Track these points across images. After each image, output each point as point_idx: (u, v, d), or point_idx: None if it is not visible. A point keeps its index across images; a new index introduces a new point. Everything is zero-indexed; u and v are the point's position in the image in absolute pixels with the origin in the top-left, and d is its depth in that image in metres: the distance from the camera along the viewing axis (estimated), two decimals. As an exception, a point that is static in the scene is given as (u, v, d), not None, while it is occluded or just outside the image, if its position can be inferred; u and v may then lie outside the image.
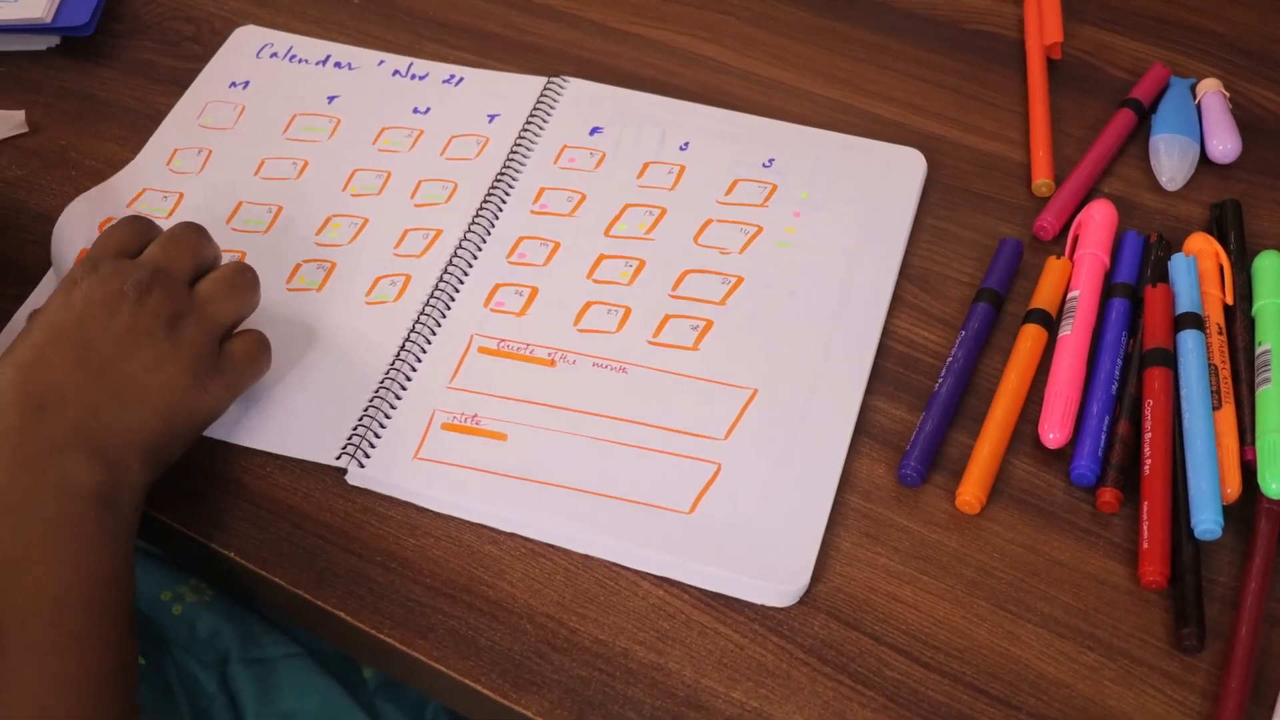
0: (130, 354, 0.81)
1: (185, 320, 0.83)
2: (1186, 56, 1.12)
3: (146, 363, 0.81)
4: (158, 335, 0.81)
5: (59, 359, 0.79)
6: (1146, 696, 0.77)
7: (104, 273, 0.83)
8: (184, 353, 0.82)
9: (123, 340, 0.81)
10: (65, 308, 0.81)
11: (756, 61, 1.12)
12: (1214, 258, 0.94)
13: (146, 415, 0.81)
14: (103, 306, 0.81)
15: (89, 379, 0.79)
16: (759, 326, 0.92)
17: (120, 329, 0.81)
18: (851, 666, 0.78)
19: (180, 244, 0.87)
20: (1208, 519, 0.80)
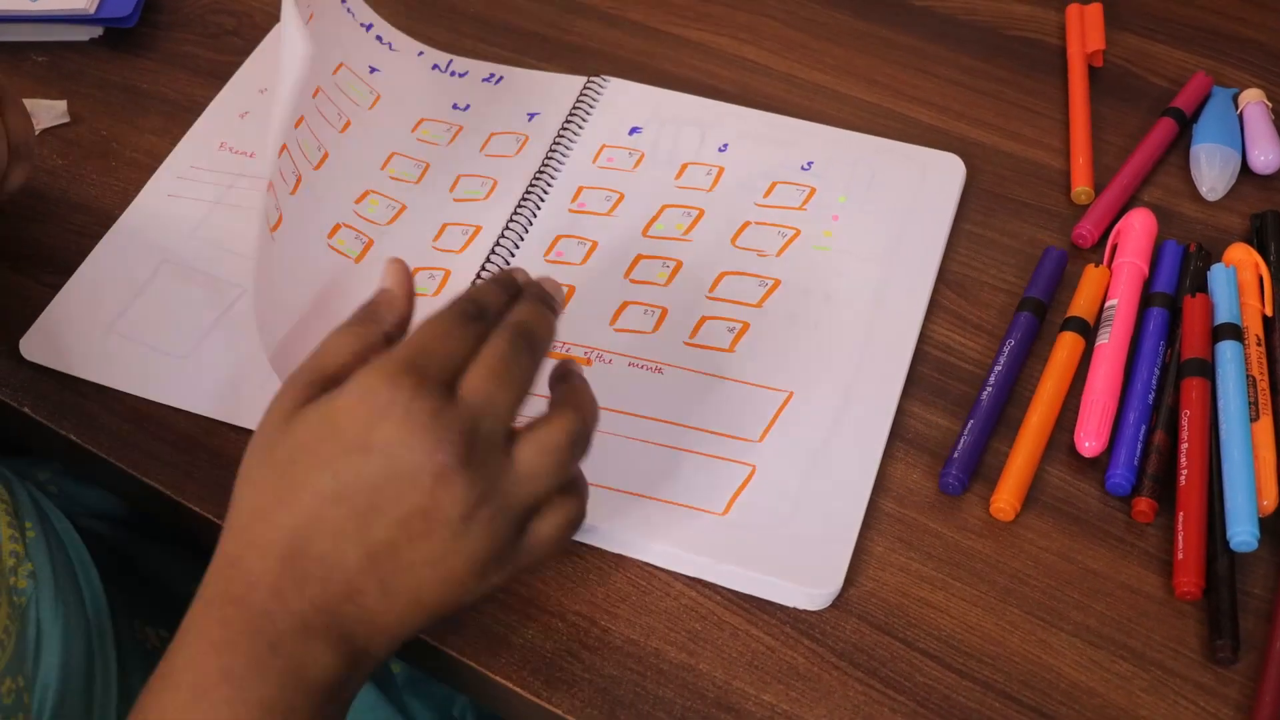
0: (416, 543, 0.67)
1: (488, 507, 0.67)
2: (1229, 66, 1.11)
3: (431, 556, 0.67)
4: (453, 524, 0.67)
5: (338, 526, 0.66)
6: (1179, 708, 0.76)
7: (420, 428, 0.66)
8: (477, 547, 0.68)
9: (413, 526, 0.66)
10: (365, 451, 0.66)
11: (796, 64, 1.12)
12: (1254, 269, 0.94)
13: (411, 614, 0.69)
14: (406, 477, 0.66)
15: (362, 561, 0.67)
16: (796, 330, 0.92)
17: (414, 510, 0.66)
18: (883, 671, 0.78)
19: (511, 380, 0.70)
20: (1243, 531, 0.80)
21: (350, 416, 0.67)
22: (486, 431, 0.67)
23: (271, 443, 0.69)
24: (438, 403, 0.66)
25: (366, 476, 0.66)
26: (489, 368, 0.69)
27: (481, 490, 0.67)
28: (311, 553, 0.66)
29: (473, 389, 0.68)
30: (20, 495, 0.88)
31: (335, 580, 0.66)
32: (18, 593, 0.82)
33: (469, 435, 0.66)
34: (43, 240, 0.98)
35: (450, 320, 0.70)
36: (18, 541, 0.84)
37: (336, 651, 0.67)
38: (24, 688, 0.80)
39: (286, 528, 0.67)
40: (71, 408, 0.90)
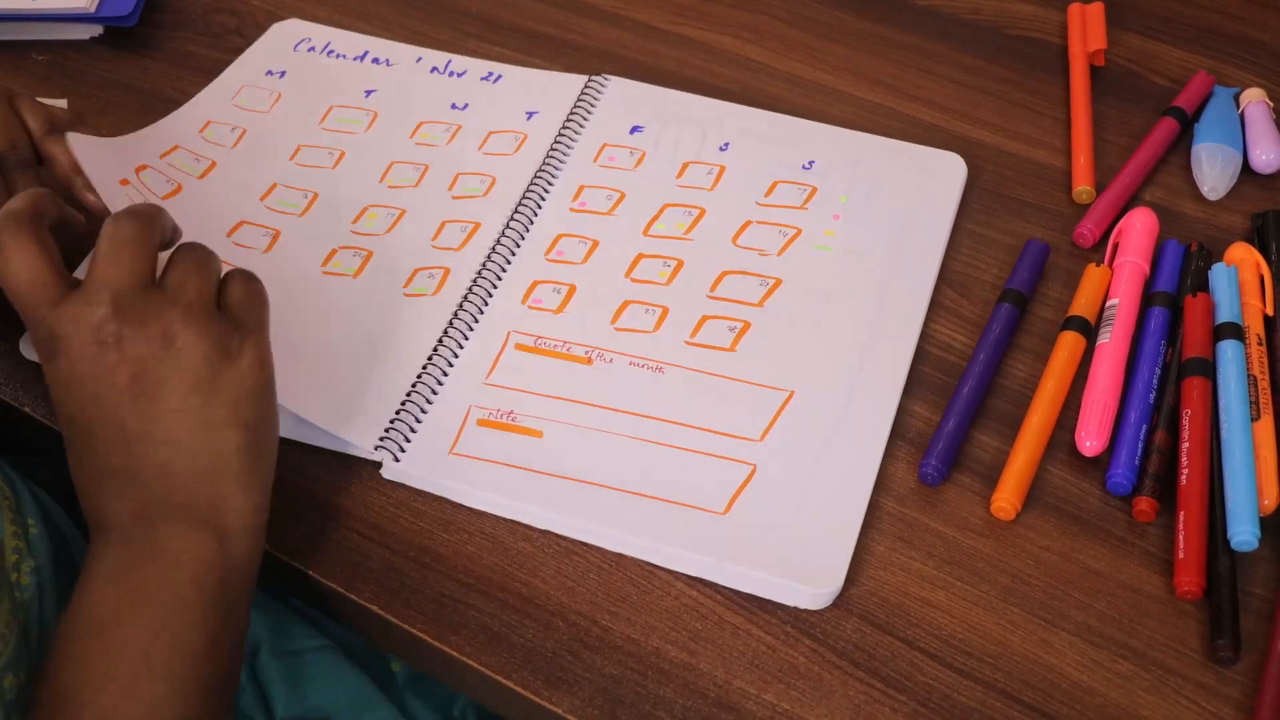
0: (157, 396, 0.74)
1: (174, 325, 0.75)
2: (1231, 66, 1.12)
3: (178, 391, 0.75)
4: (163, 360, 0.74)
5: (105, 445, 0.74)
6: (1180, 707, 0.76)
7: (65, 332, 0.74)
8: (196, 354, 0.75)
9: (141, 389, 0.74)
10: (67, 388, 0.74)
11: (798, 63, 1.12)
12: (1255, 268, 0.94)
13: (215, 442, 0.75)
14: (97, 373, 0.73)
15: (143, 448, 0.74)
16: (797, 329, 0.92)
17: (126, 382, 0.74)
18: (883, 670, 0.78)
19: (124, 247, 0.76)
20: (1244, 530, 0.80)
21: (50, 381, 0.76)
22: (122, 290, 0.74)
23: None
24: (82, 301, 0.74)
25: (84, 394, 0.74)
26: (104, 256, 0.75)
27: (155, 322, 0.74)
28: (105, 466, 0.74)
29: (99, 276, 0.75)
30: (22, 493, 0.88)
31: (139, 472, 0.74)
32: (20, 589, 0.82)
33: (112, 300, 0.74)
34: (44, 239, 0.98)
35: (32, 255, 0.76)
36: (20, 538, 0.84)
37: (188, 523, 0.74)
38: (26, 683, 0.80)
39: (82, 466, 0.75)
40: (72, 407, 0.90)
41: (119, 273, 0.75)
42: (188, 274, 0.77)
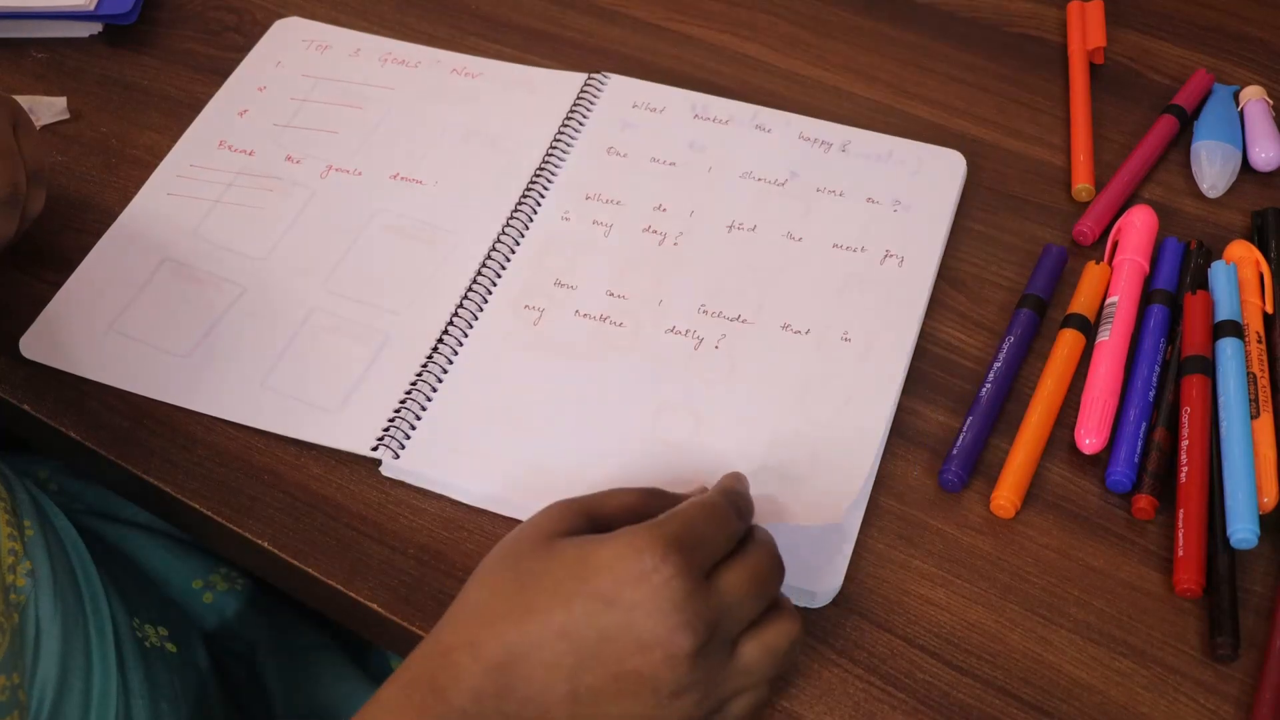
0: (622, 700, 0.68)
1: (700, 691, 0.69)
2: (1230, 63, 1.11)
3: (629, 715, 0.69)
4: (664, 698, 0.68)
5: (555, 658, 0.68)
6: (1179, 705, 0.76)
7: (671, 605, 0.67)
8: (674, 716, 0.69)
9: (625, 685, 0.68)
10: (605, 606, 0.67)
11: (798, 61, 1.12)
12: (1254, 266, 0.94)
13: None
14: (638, 642, 0.67)
15: (566, 698, 0.68)
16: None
17: (632, 672, 0.67)
18: (882, 668, 0.78)
19: (762, 594, 0.72)
20: (1244, 528, 0.80)
21: (607, 567, 0.68)
22: (727, 628, 0.70)
23: (521, 554, 0.71)
24: (694, 586, 0.68)
25: (600, 626, 0.67)
26: (752, 571, 0.71)
27: (700, 679, 0.68)
28: (521, 672, 0.68)
29: (731, 586, 0.70)
30: (19, 494, 0.88)
31: (534, 705, 0.68)
32: (16, 590, 0.82)
33: (712, 628, 0.68)
34: (42, 238, 0.98)
35: (724, 511, 0.72)
36: (16, 540, 0.84)
37: None
38: (20, 685, 0.80)
39: (507, 643, 0.68)
40: (71, 406, 0.90)
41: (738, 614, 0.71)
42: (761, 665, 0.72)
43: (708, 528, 0.71)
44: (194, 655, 0.96)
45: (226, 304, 0.94)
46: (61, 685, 0.83)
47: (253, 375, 0.90)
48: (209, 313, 0.93)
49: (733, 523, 0.72)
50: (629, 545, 0.68)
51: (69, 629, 0.85)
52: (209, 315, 0.93)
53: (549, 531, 0.71)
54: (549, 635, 0.68)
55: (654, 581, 0.67)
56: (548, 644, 0.68)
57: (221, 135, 1.05)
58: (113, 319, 0.93)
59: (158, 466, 0.87)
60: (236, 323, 0.93)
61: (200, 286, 0.95)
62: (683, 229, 0.98)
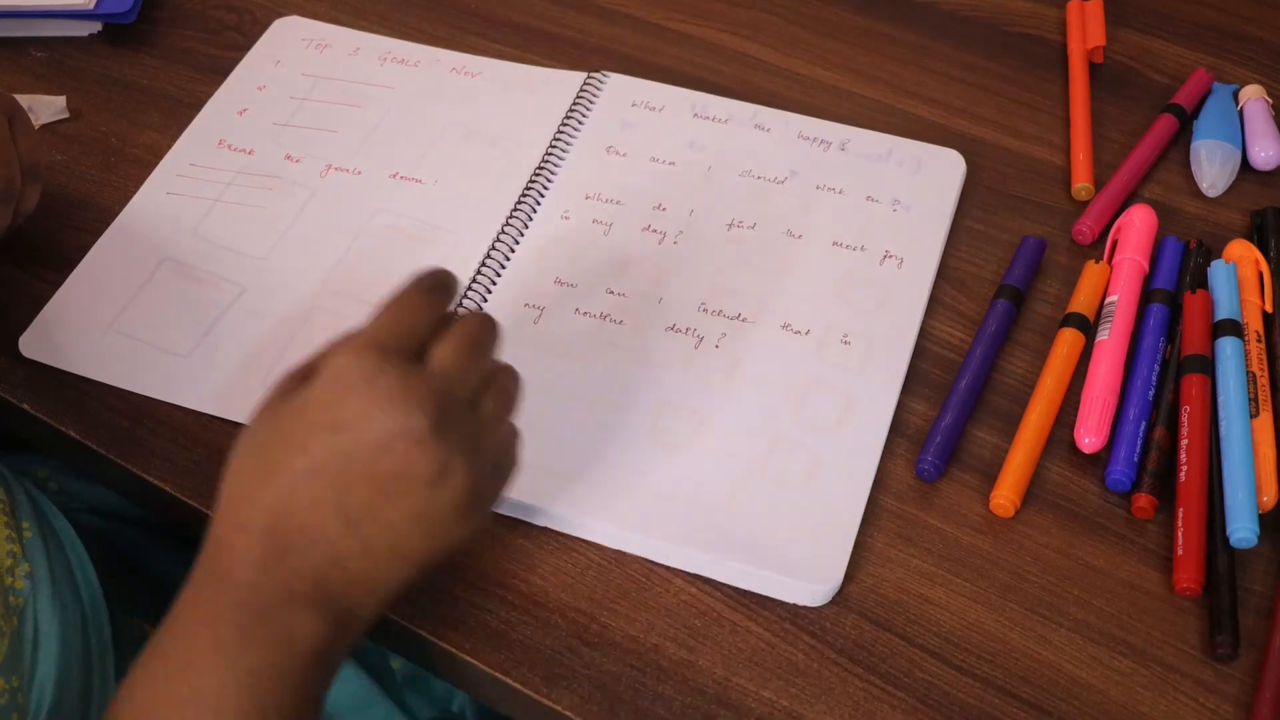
0: (394, 501, 0.69)
1: (455, 464, 0.69)
2: (1230, 63, 1.11)
3: (410, 512, 0.69)
4: (429, 481, 0.69)
5: (314, 497, 0.68)
6: (1179, 704, 0.76)
7: (385, 390, 0.68)
8: (455, 497, 0.70)
9: (389, 487, 0.69)
10: (333, 430, 0.68)
11: (798, 60, 1.12)
12: (1254, 265, 0.94)
13: (396, 568, 0.71)
14: (374, 436, 0.68)
15: (341, 527, 0.69)
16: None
17: (388, 473, 0.69)
18: (882, 667, 0.78)
19: (479, 351, 0.74)
20: (1243, 527, 0.80)
21: (320, 400, 0.69)
22: (458, 394, 0.71)
23: (253, 432, 0.71)
24: (402, 372, 0.69)
25: (338, 449, 0.68)
26: (461, 338, 0.73)
27: (454, 448, 0.69)
28: (291, 525, 0.68)
29: (444, 358, 0.72)
30: (18, 495, 0.88)
31: (317, 548, 0.68)
32: (14, 593, 0.82)
33: (440, 400, 0.69)
34: (42, 237, 0.98)
35: (413, 294, 0.74)
36: (15, 542, 0.84)
37: (323, 616, 0.69)
38: (19, 688, 0.80)
39: (266, 506, 0.69)
40: (71, 405, 0.90)
41: (463, 377, 0.72)
42: (497, 413, 0.74)
43: (397, 318, 0.72)
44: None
45: (227, 303, 0.94)
46: (61, 686, 0.83)
47: (253, 374, 0.90)
48: (209, 312, 0.93)
49: (424, 304, 0.73)
50: (330, 372, 0.70)
51: (68, 630, 0.85)
52: (209, 314, 0.93)
53: (269, 402, 0.72)
54: (299, 481, 0.68)
55: (363, 389, 0.68)
56: (301, 489, 0.68)
57: (221, 134, 1.05)
58: (112, 318, 0.93)
59: (158, 466, 0.87)
60: (237, 322, 0.93)
61: (200, 286, 0.95)
62: (682, 228, 0.98)
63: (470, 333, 0.74)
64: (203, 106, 1.07)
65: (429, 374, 0.70)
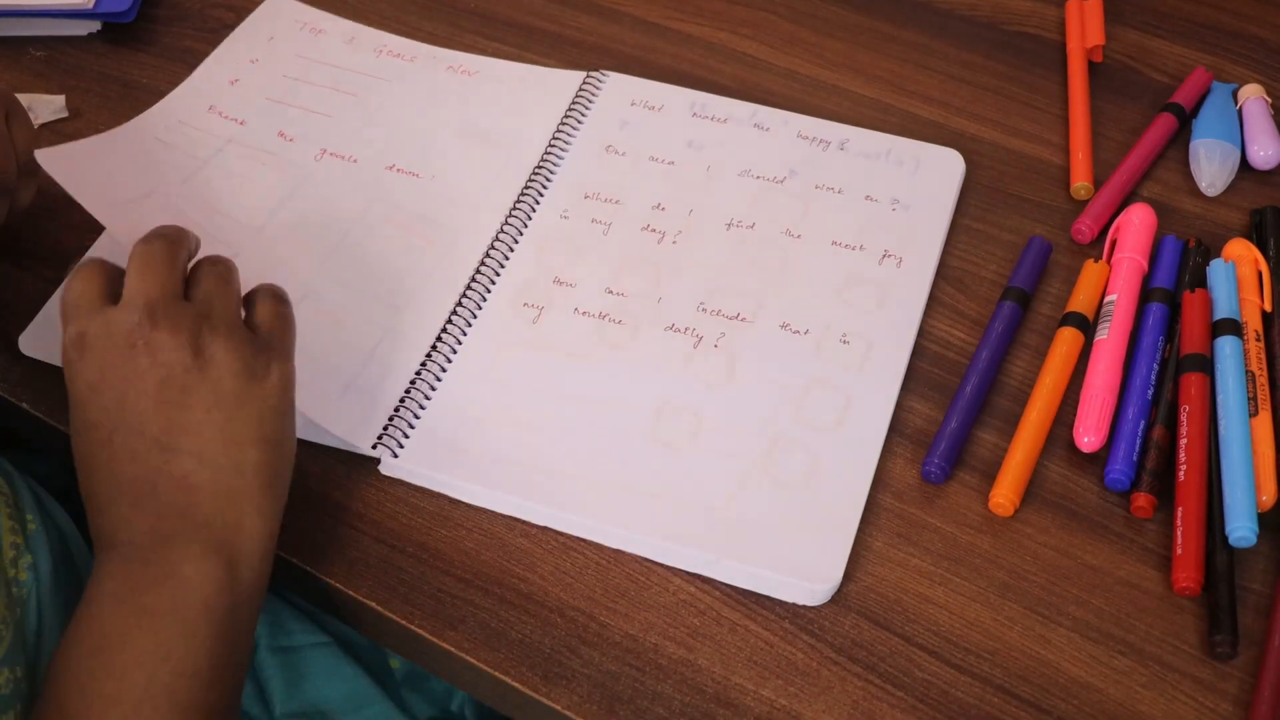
0: (183, 404, 0.74)
1: (203, 336, 0.75)
2: (1229, 61, 1.11)
3: (203, 403, 0.75)
4: (191, 368, 0.74)
5: (126, 450, 0.74)
6: (1178, 703, 0.76)
7: (95, 336, 0.75)
8: (224, 368, 0.75)
9: (167, 395, 0.74)
10: (93, 391, 0.74)
11: (796, 59, 1.12)
12: (1253, 264, 0.94)
13: (239, 457, 0.75)
14: (125, 373, 0.74)
15: (165, 455, 0.73)
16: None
17: (154, 385, 0.74)
18: (881, 666, 0.78)
19: (153, 264, 0.78)
20: (1242, 526, 0.80)
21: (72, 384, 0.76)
22: (157, 299, 0.76)
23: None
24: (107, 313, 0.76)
25: (108, 398, 0.74)
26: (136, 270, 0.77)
27: (187, 333, 0.75)
28: (123, 476, 0.74)
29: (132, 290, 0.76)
30: (20, 489, 0.88)
31: (158, 483, 0.74)
32: (18, 585, 0.82)
33: (145, 308, 0.75)
34: (41, 236, 0.98)
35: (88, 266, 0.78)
36: (18, 534, 0.84)
37: (203, 546, 0.73)
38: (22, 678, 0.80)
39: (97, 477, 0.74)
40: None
41: (150, 285, 0.76)
42: (214, 288, 0.78)
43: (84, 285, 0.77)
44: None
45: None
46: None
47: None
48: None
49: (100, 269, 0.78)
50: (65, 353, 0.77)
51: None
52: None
53: None
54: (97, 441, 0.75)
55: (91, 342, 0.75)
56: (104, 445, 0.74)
57: (211, 101, 1.05)
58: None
59: (156, 464, 0.87)
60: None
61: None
62: (681, 227, 0.98)
63: (145, 254, 0.78)
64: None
65: (123, 299, 0.76)
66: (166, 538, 0.73)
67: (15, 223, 0.93)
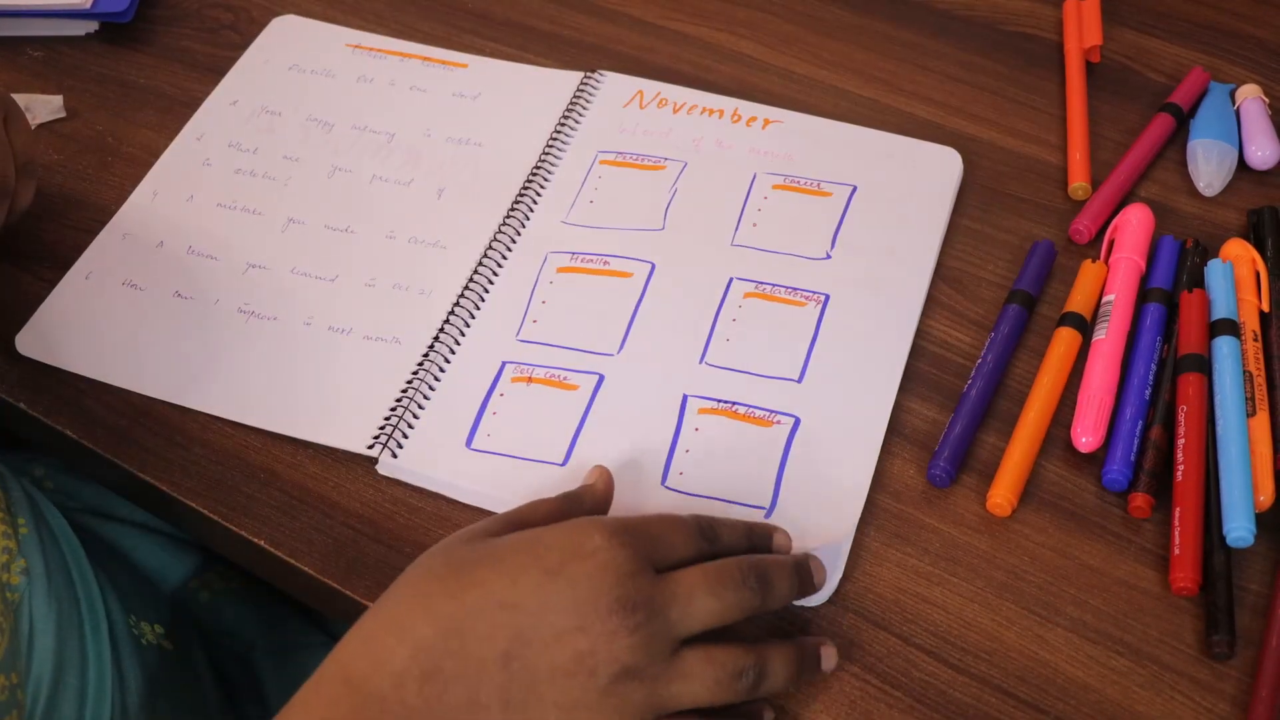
0: (558, 681, 0.67)
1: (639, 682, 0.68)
2: (1226, 61, 1.11)
3: (565, 700, 0.67)
4: (601, 682, 0.67)
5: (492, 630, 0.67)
6: (1175, 703, 0.76)
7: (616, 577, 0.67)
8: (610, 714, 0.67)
9: (562, 663, 0.67)
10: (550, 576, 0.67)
11: (794, 59, 1.12)
12: (1250, 264, 0.94)
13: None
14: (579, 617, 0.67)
15: (499, 675, 0.67)
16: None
17: (572, 650, 0.67)
18: (879, 666, 0.78)
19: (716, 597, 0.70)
20: (1240, 526, 0.80)
21: (555, 543, 0.68)
22: (671, 619, 0.68)
23: (454, 547, 0.70)
24: (638, 568, 0.68)
25: (544, 596, 0.66)
26: (706, 573, 0.70)
27: (640, 664, 0.67)
28: (453, 647, 0.66)
29: (681, 579, 0.69)
30: (14, 491, 0.88)
31: (464, 686, 0.66)
32: (10, 589, 0.82)
33: (653, 608, 0.67)
34: (39, 236, 0.98)
35: (681, 522, 0.73)
36: (10, 538, 0.84)
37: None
38: (18, 685, 0.80)
39: (442, 613, 0.67)
40: (67, 404, 0.90)
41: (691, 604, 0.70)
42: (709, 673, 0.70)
43: (659, 528, 0.71)
44: (190, 653, 0.96)
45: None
46: (56, 682, 0.83)
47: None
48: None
49: (694, 533, 0.72)
50: (576, 525, 0.69)
51: (64, 627, 0.85)
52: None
53: (477, 534, 0.71)
54: (490, 605, 0.66)
55: (599, 557, 0.67)
56: (487, 613, 0.66)
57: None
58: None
59: (154, 465, 0.87)
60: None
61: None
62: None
63: (721, 571, 0.71)
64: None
65: (660, 582, 0.69)
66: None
67: (13, 223, 0.93)
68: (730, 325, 0.92)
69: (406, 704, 0.65)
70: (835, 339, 0.91)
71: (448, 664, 0.66)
